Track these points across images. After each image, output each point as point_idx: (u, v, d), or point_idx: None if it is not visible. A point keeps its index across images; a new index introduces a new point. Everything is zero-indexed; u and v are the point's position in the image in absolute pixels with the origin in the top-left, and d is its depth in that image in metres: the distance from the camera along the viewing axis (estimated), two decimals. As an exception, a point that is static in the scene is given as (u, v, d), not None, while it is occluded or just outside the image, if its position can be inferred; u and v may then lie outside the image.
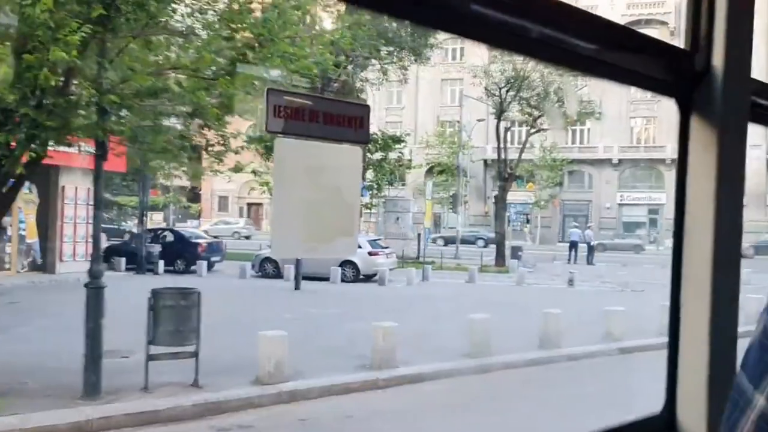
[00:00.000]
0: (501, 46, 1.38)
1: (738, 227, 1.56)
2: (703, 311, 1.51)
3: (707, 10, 1.54)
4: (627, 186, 54.53)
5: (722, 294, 1.51)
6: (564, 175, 54.75)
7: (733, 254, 1.55)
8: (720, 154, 1.49)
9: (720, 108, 1.51)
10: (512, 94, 29.92)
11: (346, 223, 2.40)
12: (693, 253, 1.54)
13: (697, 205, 1.53)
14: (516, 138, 38.33)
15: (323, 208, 2.31)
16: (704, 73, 1.52)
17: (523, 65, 28.27)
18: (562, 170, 53.15)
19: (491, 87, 30.30)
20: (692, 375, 1.54)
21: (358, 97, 34.40)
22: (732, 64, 1.52)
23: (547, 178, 52.56)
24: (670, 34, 53.07)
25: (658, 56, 1.51)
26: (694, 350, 1.54)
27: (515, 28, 1.20)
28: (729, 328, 1.55)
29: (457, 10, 1.13)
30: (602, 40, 1.38)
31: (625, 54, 1.42)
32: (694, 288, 1.53)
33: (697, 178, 1.53)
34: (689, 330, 1.55)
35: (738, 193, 1.57)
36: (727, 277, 1.53)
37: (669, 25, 53.16)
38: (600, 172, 54.72)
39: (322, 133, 2.43)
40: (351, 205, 2.43)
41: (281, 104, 2.45)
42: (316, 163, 2.34)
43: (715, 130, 1.50)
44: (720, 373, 1.50)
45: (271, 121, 2.46)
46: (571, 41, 1.30)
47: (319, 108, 2.48)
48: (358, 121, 2.51)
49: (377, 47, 30.84)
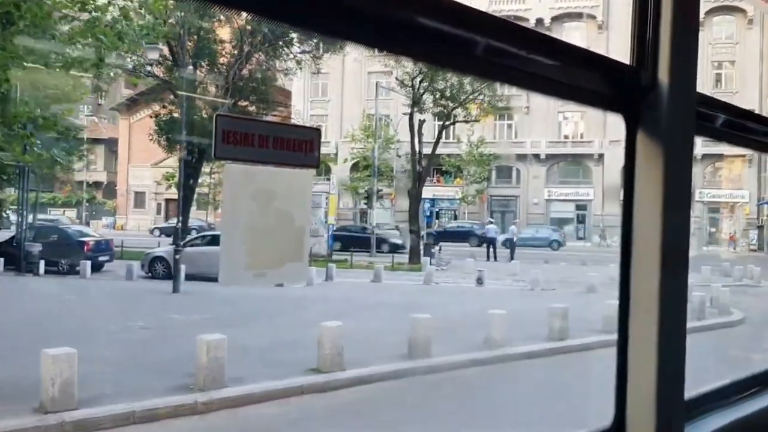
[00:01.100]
0: (444, 64, 1.39)
1: (685, 236, 1.59)
2: (652, 322, 1.52)
3: (653, 26, 1.54)
4: (555, 181, 53.95)
5: (670, 304, 1.54)
6: (492, 170, 54.03)
7: (680, 264, 1.58)
8: (667, 165, 1.52)
9: (666, 121, 1.53)
10: (425, 85, 28.53)
11: (295, 248, 2.35)
12: (641, 262, 1.55)
13: (644, 216, 1.54)
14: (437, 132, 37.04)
15: (272, 234, 2.27)
16: (650, 88, 1.54)
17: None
18: (489, 165, 52.38)
19: (404, 78, 28.86)
20: (641, 388, 1.55)
21: (270, 87, 32.68)
22: (678, 79, 1.55)
23: (474, 173, 51.74)
24: (597, 27, 52.66)
25: (604, 72, 1.52)
26: (643, 362, 1.54)
27: (460, 41, 1.18)
28: (677, 338, 1.56)
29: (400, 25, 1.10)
30: (548, 57, 1.36)
31: (570, 70, 1.43)
32: (643, 298, 1.55)
33: (644, 190, 1.55)
34: (638, 342, 1.55)
35: (685, 205, 1.58)
36: (675, 285, 1.56)
37: (597, 18, 52.62)
38: (528, 167, 54.02)
39: (272, 158, 2.39)
40: (300, 228, 2.36)
41: (230, 129, 2.36)
42: (265, 188, 2.28)
43: (662, 142, 1.53)
44: (669, 387, 1.55)
45: (220, 148, 2.35)
46: (516, 57, 1.29)
47: (269, 133, 2.40)
48: (308, 144, 2.46)
49: (285, 34, 29.30)
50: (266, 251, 2.25)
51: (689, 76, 1.61)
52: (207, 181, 50.31)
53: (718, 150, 43.70)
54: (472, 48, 1.19)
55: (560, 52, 1.41)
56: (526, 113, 53.72)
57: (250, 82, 31.09)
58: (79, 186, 55.24)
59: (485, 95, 29.98)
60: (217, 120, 2.41)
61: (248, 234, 2.20)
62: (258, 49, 30.63)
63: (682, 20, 1.56)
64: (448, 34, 1.14)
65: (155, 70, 30.87)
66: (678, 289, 1.58)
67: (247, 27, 29.30)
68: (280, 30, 29.32)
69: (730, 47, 49.96)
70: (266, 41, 30.37)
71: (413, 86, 28.20)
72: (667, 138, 1.53)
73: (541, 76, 1.37)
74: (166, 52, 30.44)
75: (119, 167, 62.83)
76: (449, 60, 1.29)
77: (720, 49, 48.76)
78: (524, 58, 1.29)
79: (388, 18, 1.08)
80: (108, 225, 58.06)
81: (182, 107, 29.95)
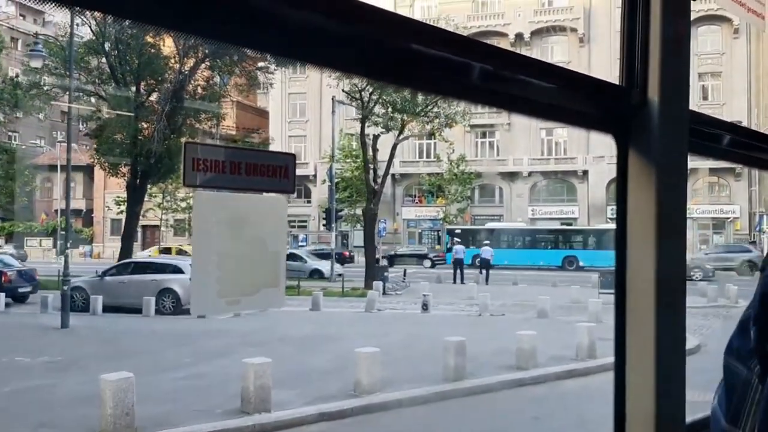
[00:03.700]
0: (437, 90, 1.40)
1: (681, 257, 1.58)
2: (648, 346, 1.51)
3: (641, 42, 1.53)
4: (539, 200, 52.16)
5: (667, 326, 1.52)
6: (474, 189, 52.32)
7: (677, 283, 1.57)
8: (659, 185, 1.51)
9: (657, 141, 1.52)
10: (375, 97, 26.85)
11: (271, 274, 2.29)
12: (636, 285, 1.54)
13: (638, 238, 1.53)
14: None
15: (245, 260, 2.21)
16: (640, 108, 1.53)
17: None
18: (471, 184, 50.65)
19: (352, 90, 27.17)
20: (640, 415, 1.53)
21: (218, 103, 31.14)
22: (668, 98, 1.53)
23: (455, 192, 49.98)
24: (579, 41, 51.07)
25: (593, 93, 1.52)
26: (642, 388, 1.52)
27: (455, 69, 1.21)
28: (677, 359, 1.55)
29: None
30: (536, 79, 1.37)
31: (560, 93, 1.42)
32: (638, 322, 1.53)
33: (637, 212, 1.53)
34: (636, 367, 1.54)
35: (680, 225, 1.56)
36: (671, 307, 1.53)
37: (578, 32, 51.01)
38: (510, 186, 52.30)
39: (244, 184, 2.35)
40: (275, 254, 2.31)
41: (199, 157, 2.30)
42: (238, 215, 2.21)
43: (654, 162, 1.52)
44: (668, 413, 1.52)
45: (189, 175, 2.27)
46: (505, 80, 1.31)
47: (241, 159, 2.37)
48: (283, 170, 2.44)
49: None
50: (239, 278, 2.21)
51: (681, 93, 1.57)
52: (182, 206, 48.84)
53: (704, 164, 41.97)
54: (462, 72, 1.21)
55: (548, 75, 1.39)
56: (507, 130, 52.08)
57: (197, 98, 29.59)
58: (58, 214, 54.02)
59: (441, 108, 28.21)
60: (185, 147, 2.35)
61: (220, 261, 2.16)
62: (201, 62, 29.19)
63: (672, 36, 1.53)
64: (439, 61, 1.16)
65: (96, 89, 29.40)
66: (675, 309, 1.54)
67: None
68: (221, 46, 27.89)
69: (717, 58, 48.31)
70: (208, 56, 28.86)
71: (361, 99, 26.50)
72: (659, 158, 1.51)
73: (530, 99, 1.38)
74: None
75: (95, 194, 61.62)
76: (441, 87, 1.33)
77: (706, 60, 47.12)
78: (513, 80, 1.31)
79: (387, 48, 1.11)
80: (86, 253, 56.72)
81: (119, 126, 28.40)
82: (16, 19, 55.24)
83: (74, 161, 42.77)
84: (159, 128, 27.06)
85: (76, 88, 27.17)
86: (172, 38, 28.32)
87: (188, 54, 28.74)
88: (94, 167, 54.97)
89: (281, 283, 2.38)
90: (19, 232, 58.17)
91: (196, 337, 15.06)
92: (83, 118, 29.14)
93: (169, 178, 30.97)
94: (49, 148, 59.18)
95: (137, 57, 28.14)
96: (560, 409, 10.48)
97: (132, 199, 29.48)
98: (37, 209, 61.85)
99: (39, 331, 16.35)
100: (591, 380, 11.84)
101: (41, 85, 29.48)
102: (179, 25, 0.96)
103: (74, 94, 26.49)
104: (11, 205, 50.85)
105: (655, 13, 1.53)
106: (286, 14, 0.97)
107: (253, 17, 0.96)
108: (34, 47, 24.85)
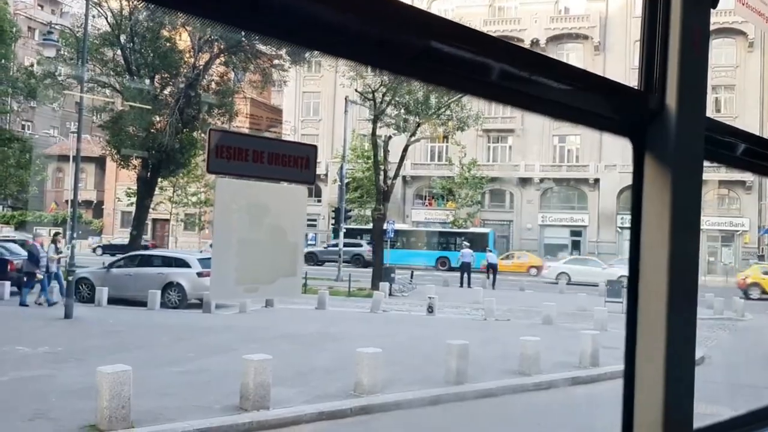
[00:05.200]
0: (455, 87, 1.34)
1: (694, 264, 1.56)
2: (659, 351, 1.50)
3: (661, 50, 1.54)
4: (549, 206, 51.92)
5: (678, 332, 1.51)
6: (485, 193, 52.11)
7: (689, 291, 1.55)
8: (674, 191, 1.50)
9: (674, 147, 1.51)
10: (388, 99, 26.79)
11: (288, 263, 2.28)
12: (648, 290, 1.53)
13: (652, 243, 1.52)
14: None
15: (265, 249, 2.22)
16: (658, 113, 1.53)
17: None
18: (482, 188, 50.46)
19: (365, 90, 27.12)
20: (648, 420, 1.53)
21: (232, 99, 31.15)
22: (686, 104, 1.53)
23: (465, 196, 49.82)
24: (594, 49, 50.86)
25: (612, 97, 1.51)
26: (650, 392, 1.52)
27: (474, 67, 1.20)
28: (686, 366, 1.54)
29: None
30: (555, 80, 1.37)
31: (579, 95, 1.42)
32: (650, 326, 1.53)
33: (652, 216, 1.53)
34: (645, 371, 1.53)
35: (694, 231, 1.56)
36: (682, 315, 1.52)
37: (593, 39, 50.80)
38: (521, 191, 52.06)
39: (266, 173, 2.35)
40: (294, 244, 2.29)
41: (223, 144, 2.30)
42: (259, 203, 2.22)
43: (670, 168, 1.51)
44: (677, 417, 1.51)
45: (213, 162, 2.26)
46: (524, 81, 1.30)
47: (264, 148, 2.37)
48: (304, 161, 2.44)
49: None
50: (258, 266, 2.22)
51: (698, 101, 1.58)
52: (192, 200, 48.85)
53: (714, 177, 41.74)
54: (486, 71, 1.21)
55: (567, 76, 1.40)
56: (520, 135, 51.91)
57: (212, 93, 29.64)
58: (68, 204, 54.24)
59: (454, 111, 28.13)
60: (210, 134, 2.32)
61: (240, 248, 2.15)
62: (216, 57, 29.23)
63: (691, 44, 1.54)
64: (459, 59, 1.16)
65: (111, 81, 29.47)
66: (686, 317, 1.54)
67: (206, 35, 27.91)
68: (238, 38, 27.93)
69: (731, 71, 47.97)
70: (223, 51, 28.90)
71: (374, 99, 26.45)
72: (675, 163, 1.51)
73: (549, 100, 1.38)
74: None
75: (107, 186, 61.76)
76: (460, 84, 1.29)
77: (720, 72, 46.78)
78: (532, 81, 1.31)
79: (407, 44, 1.11)
80: (95, 247, 56.85)
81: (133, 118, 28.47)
82: (34, 9, 55.52)
83: (86, 152, 43.06)
84: (172, 122, 27.11)
85: (91, 80, 27.25)
86: (188, 32, 28.41)
87: (203, 49, 28.78)
88: (105, 159, 55.29)
89: (299, 272, 2.36)
90: (28, 221, 58.34)
91: (199, 332, 15.07)
92: (97, 110, 29.12)
93: (180, 171, 31.01)
94: (62, 139, 59.46)
95: (152, 50, 28.18)
96: (562, 416, 10.41)
97: (142, 192, 29.54)
98: (47, 199, 62.04)
99: (42, 321, 16.33)
100: (594, 388, 11.78)
101: (55, 74, 29.53)
102: (192, 9, 0.98)
103: (89, 86, 26.59)
104: (22, 195, 50.91)
105: (675, 21, 1.53)
106: (309, 8, 0.99)
107: (284, 11, 0.98)
108: (47, 36, 24.88)
